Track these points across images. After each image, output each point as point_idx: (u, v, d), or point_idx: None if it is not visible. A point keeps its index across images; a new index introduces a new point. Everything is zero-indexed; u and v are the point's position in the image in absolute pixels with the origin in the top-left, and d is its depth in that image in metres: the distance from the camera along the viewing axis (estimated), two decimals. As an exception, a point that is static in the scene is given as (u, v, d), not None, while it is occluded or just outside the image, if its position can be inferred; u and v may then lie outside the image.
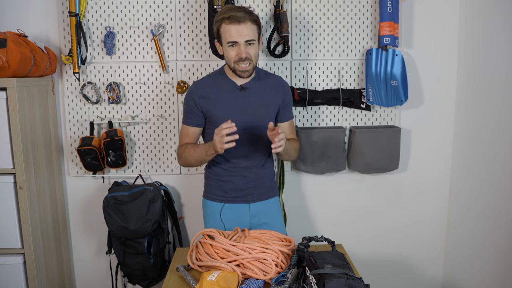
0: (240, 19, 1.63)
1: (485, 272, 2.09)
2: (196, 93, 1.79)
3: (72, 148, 2.27)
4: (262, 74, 1.86)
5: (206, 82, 1.83)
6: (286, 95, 1.88)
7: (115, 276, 2.30)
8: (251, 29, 1.66)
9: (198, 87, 1.81)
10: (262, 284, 1.39)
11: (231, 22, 1.63)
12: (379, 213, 2.42)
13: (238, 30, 1.64)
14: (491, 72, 2.03)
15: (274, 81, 1.88)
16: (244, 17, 1.63)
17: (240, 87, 1.78)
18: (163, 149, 2.29)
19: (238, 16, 1.63)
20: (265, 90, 1.82)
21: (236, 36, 1.64)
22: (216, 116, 1.77)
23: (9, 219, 1.91)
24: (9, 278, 1.94)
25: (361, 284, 1.23)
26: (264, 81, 1.83)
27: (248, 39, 1.66)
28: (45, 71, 2.05)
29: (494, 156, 2.01)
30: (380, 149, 2.22)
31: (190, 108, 1.80)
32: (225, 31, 1.66)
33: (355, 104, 2.26)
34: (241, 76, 1.73)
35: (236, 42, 1.65)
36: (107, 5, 2.17)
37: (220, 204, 1.86)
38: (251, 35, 1.66)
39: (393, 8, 2.11)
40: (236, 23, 1.63)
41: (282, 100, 1.86)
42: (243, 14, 1.63)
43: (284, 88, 1.89)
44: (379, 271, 2.45)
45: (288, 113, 1.91)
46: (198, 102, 1.78)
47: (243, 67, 1.69)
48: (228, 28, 1.65)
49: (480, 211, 2.12)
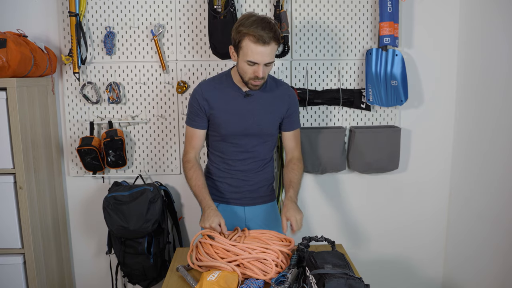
0: (266, 40, 1.55)
1: (485, 272, 2.09)
2: (200, 95, 1.77)
3: (72, 148, 2.27)
4: (270, 81, 1.81)
5: (211, 85, 1.79)
6: (291, 104, 1.83)
7: (115, 276, 2.30)
8: (273, 50, 1.61)
9: (203, 89, 1.78)
10: (262, 284, 1.39)
11: (257, 42, 1.56)
12: (379, 213, 2.42)
13: (262, 52, 1.57)
14: (491, 72, 2.03)
15: (281, 89, 1.83)
16: (270, 38, 1.56)
17: (245, 94, 1.76)
18: (163, 149, 2.29)
19: (264, 38, 1.55)
20: (270, 98, 1.79)
21: (258, 58, 1.59)
22: (219, 120, 1.76)
23: (9, 219, 1.91)
24: (9, 278, 1.94)
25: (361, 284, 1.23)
26: (270, 88, 1.80)
27: (269, 61, 1.62)
28: (45, 71, 2.05)
29: (494, 156, 2.01)
30: (380, 149, 2.22)
31: (195, 109, 1.78)
32: (248, 48, 1.58)
33: (355, 104, 2.26)
34: (252, 89, 1.72)
35: (257, 63, 1.61)
36: (107, 5, 2.17)
37: (215, 204, 1.82)
38: (272, 57, 1.62)
39: (393, 8, 2.11)
40: (261, 44, 1.56)
41: (287, 109, 1.82)
42: (269, 35, 1.56)
43: (290, 97, 1.84)
44: (379, 271, 2.45)
45: (293, 122, 1.86)
46: (202, 104, 1.76)
47: (256, 83, 1.67)
48: (252, 47, 1.57)
49: (480, 211, 2.12)
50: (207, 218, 1.61)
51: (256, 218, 1.86)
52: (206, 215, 1.63)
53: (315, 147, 2.20)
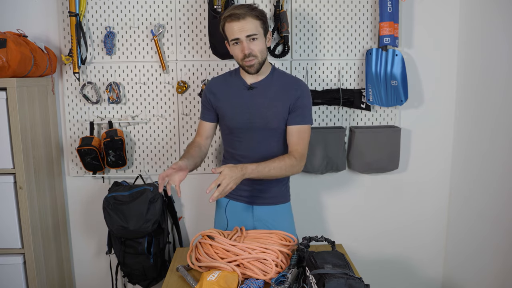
0: (240, 15, 1.63)
1: (485, 272, 2.09)
2: (209, 89, 1.83)
3: (72, 148, 2.27)
4: (277, 75, 1.78)
5: (220, 79, 1.85)
6: (299, 97, 1.73)
7: (115, 276, 2.31)
8: (252, 24, 1.65)
9: (211, 83, 1.84)
10: (262, 284, 1.39)
11: (232, 20, 1.64)
12: (379, 213, 2.42)
13: (238, 26, 1.64)
14: (491, 72, 2.03)
15: (288, 82, 1.77)
16: (245, 13, 1.63)
17: (249, 86, 1.76)
18: (163, 149, 2.29)
19: (238, 13, 1.63)
20: (275, 91, 1.75)
21: (237, 33, 1.64)
22: (224, 114, 1.78)
23: (9, 219, 1.91)
24: (9, 278, 1.94)
25: (361, 284, 1.23)
26: (276, 82, 1.77)
27: (249, 34, 1.64)
28: (45, 71, 2.05)
29: (493, 156, 2.01)
30: (380, 149, 2.22)
31: (204, 102, 1.85)
32: (228, 29, 1.67)
33: (355, 104, 2.26)
34: (249, 72, 1.70)
35: (238, 38, 1.65)
36: (107, 5, 2.17)
37: (225, 200, 1.86)
38: (253, 30, 1.65)
39: (393, 8, 2.11)
40: (236, 20, 1.63)
41: (294, 103, 1.73)
42: (243, 11, 1.63)
43: (298, 91, 1.73)
44: (379, 271, 2.45)
45: (297, 117, 1.73)
46: (209, 97, 1.81)
47: (248, 62, 1.67)
48: (230, 25, 1.65)
49: (480, 211, 2.12)
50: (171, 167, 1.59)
51: (264, 219, 1.82)
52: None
53: (315, 147, 2.20)
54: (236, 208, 1.85)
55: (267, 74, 1.77)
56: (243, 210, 1.85)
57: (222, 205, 1.88)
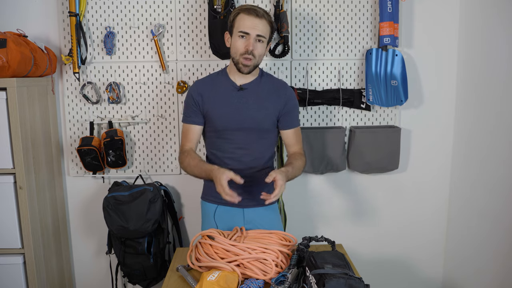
0: (259, 13, 1.66)
1: (485, 272, 2.09)
2: (195, 91, 1.78)
3: (72, 148, 2.27)
4: (265, 77, 1.82)
5: (206, 81, 1.81)
6: (288, 101, 1.80)
7: (115, 276, 2.31)
8: (265, 27, 1.68)
9: (197, 85, 1.80)
10: (262, 284, 1.39)
11: (250, 14, 1.65)
12: (379, 213, 2.42)
13: (254, 22, 1.65)
14: (491, 72, 2.03)
15: (277, 85, 1.82)
16: (263, 14, 1.67)
17: (239, 87, 1.76)
18: (163, 149, 2.30)
19: (258, 11, 1.66)
20: (265, 93, 1.77)
21: (250, 27, 1.65)
22: (213, 115, 1.75)
23: (9, 219, 1.91)
24: (9, 278, 1.94)
25: (361, 284, 1.23)
26: (266, 84, 1.79)
27: (260, 34, 1.66)
28: (45, 71, 2.05)
29: (494, 155, 2.01)
30: (380, 149, 2.22)
31: (190, 106, 1.78)
32: (240, 20, 1.67)
33: (355, 104, 2.26)
34: (241, 70, 1.70)
35: (248, 33, 1.65)
36: (107, 5, 2.17)
37: (214, 205, 1.82)
38: (264, 32, 1.67)
39: (393, 8, 2.11)
40: (254, 15, 1.65)
41: (284, 105, 1.78)
42: (262, 11, 1.67)
43: (287, 94, 1.80)
44: (379, 271, 2.45)
45: (291, 120, 1.81)
46: (197, 99, 1.76)
47: (245, 60, 1.67)
48: (244, 18, 1.66)
49: (480, 211, 2.12)
50: (216, 181, 1.57)
51: (256, 221, 1.81)
52: (214, 178, 1.59)
53: (315, 147, 2.20)
54: (226, 212, 1.81)
55: (256, 76, 1.79)
56: (234, 214, 1.81)
57: (209, 212, 1.83)
